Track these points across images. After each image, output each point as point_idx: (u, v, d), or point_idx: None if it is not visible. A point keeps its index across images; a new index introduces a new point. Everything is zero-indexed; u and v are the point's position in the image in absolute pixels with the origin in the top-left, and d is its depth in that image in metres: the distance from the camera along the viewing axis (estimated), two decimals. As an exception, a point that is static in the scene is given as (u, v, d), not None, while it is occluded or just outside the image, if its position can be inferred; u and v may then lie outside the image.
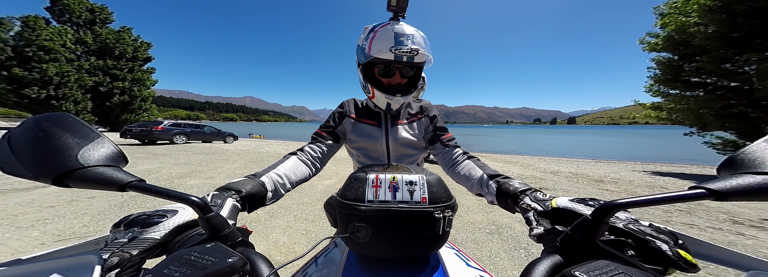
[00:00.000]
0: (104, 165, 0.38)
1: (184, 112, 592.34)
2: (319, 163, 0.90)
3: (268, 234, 2.71)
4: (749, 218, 3.37)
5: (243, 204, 0.57)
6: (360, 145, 1.02)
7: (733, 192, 0.31)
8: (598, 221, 0.34)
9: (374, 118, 1.02)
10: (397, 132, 1.00)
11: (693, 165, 9.35)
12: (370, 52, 0.82)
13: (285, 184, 0.73)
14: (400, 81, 0.91)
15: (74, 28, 23.04)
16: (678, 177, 6.71)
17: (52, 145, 0.37)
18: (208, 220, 0.38)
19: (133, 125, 12.77)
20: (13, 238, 2.47)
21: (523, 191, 0.60)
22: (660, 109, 9.19)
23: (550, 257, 0.36)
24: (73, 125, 0.40)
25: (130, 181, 0.37)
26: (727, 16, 6.46)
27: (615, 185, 5.61)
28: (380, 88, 0.89)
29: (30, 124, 0.38)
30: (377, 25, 0.85)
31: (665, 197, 0.32)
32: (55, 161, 0.36)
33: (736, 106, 7.27)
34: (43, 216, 3.01)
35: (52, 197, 3.69)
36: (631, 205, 0.33)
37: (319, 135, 0.98)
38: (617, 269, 0.29)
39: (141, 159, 7.76)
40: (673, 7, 7.76)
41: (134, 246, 0.37)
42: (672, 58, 8.36)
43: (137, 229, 0.40)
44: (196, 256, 0.32)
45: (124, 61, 23.78)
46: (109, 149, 0.41)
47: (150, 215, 0.44)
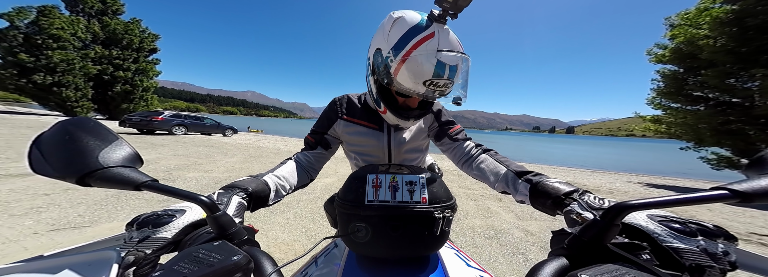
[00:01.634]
0: (122, 166, 0.41)
1: (185, 104, 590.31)
2: (313, 171, 0.86)
3: (268, 231, 2.70)
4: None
5: (249, 203, 0.57)
6: (358, 149, 0.93)
7: (761, 193, 0.28)
8: (609, 222, 0.32)
9: (375, 120, 0.89)
10: (401, 136, 0.90)
11: (686, 179, 9.48)
12: (396, 76, 0.62)
13: (285, 186, 0.72)
14: (414, 105, 0.77)
15: (86, 18, 23.22)
16: (671, 190, 6.80)
17: (76, 147, 0.40)
18: (216, 219, 0.39)
19: (133, 114, 12.72)
20: (5, 226, 2.40)
21: (568, 194, 0.52)
22: (659, 122, 9.28)
23: (556, 259, 0.34)
24: (94, 128, 0.43)
25: (144, 181, 0.40)
26: (739, 29, 6.53)
27: (610, 195, 5.64)
28: (393, 109, 0.74)
29: (58, 128, 0.41)
30: (416, 33, 0.58)
31: (684, 199, 0.30)
32: (78, 163, 0.38)
33: (734, 122, 7.36)
34: (37, 204, 2.96)
35: (47, 185, 3.65)
36: (645, 206, 0.31)
37: (307, 142, 0.91)
38: (628, 273, 0.28)
39: (139, 149, 7.68)
40: (684, 18, 7.84)
41: (148, 245, 0.39)
42: (677, 71, 8.45)
43: (149, 229, 0.42)
44: (203, 253, 0.33)
45: (129, 52, 23.86)
46: (126, 150, 0.44)
47: (160, 215, 0.45)
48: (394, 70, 0.61)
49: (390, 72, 0.62)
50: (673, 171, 12.24)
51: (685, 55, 7.81)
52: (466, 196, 4.61)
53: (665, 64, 8.61)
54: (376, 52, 0.67)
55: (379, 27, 0.68)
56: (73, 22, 20.73)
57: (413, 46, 0.58)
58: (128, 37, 23.55)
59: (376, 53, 0.67)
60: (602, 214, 0.33)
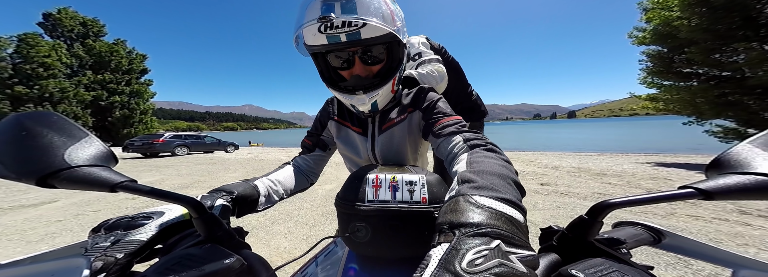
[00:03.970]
0: (92, 165, 0.36)
1: (185, 124, 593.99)
2: (312, 174, 0.84)
3: (269, 240, 2.74)
4: (758, 207, 3.34)
5: (233, 206, 0.55)
6: (345, 153, 0.88)
7: (721, 191, 0.32)
8: (594, 219, 0.35)
9: (361, 122, 0.80)
10: (385, 141, 0.77)
11: (697, 154, 9.03)
12: (306, 40, 0.61)
13: (279, 191, 0.70)
14: (361, 72, 0.66)
15: (68, 42, 22.83)
16: (683, 167, 6.48)
17: (36, 144, 0.35)
18: (203, 220, 0.37)
19: (135, 139, 12.89)
20: (23, 253, 2.48)
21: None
22: (656, 100, 9.18)
23: (547, 255, 0.36)
24: (58, 124, 0.38)
25: (120, 181, 0.35)
26: (708, 9, 6.55)
27: (617, 178, 5.58)
28: (339, 88, 0.66)
29: (10, 122, 0.36)
30: (305, 2, 0.58)
31: (656, 197, 0.34)
32: (39, 161, 0.34)
33: (731, 94, 7.28)
34: (51, 230, 3.07)
35: (58, 212, 3.74)
36: (625, 204, 0.34)
37: (305, 144, 0.88)
38: (612, 266, 0.30)
39: (143, 172, 7.81)
40: (655, 2, 7.85)
41: (119, 249, 0.36)
42: (662, 51, 8.41)
43: (120, 232, 0.39)
44: (192, 257, 0.31)
45: (120, 74, 23.69)
46: (97, 148, 0.39)
47: (133, 217, 0.42)
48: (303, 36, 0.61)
49: (301, 43, 0.63)
50: (683, 147, 11.88)
51: (664, 35, 7.79)
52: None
53: (648, 45, 8.54)
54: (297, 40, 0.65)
55: None
56: (55, 47, 20.28)
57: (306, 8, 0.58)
58: (116, 59, 23.12)
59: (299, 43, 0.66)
60: (587, 212, 0.36)
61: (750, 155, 0.35)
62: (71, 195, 4.64)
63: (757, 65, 6.31)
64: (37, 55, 18.79)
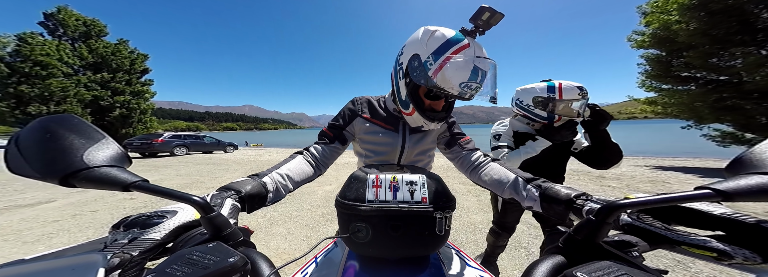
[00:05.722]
0: (108, 165, 0.39)
1: (184, 124, 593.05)
2: (323, 165, 0.88)
3: (269, 242, 2.73)
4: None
5: (242, 204, 0.57)
6: (372, 147, 0.97)
7: (740, 193, 0.30)
8: (601, 221, 0.34)
9: (392, 122, 0.95)
10: (414, 141, 0.96)
11: (695, 158, 9.17)
12: (434, 77, 0.70)
13: (287, 185, 0.73)
14: (439, 107, 0.84)
15: (70, 42, 22.97)
16: (681, 171, 6.59)
17: (59, 146, 0.37)
18: (210, 220, 0.39)
19: (134, 139, 12.85)
20: (20, 253, 2.51)
21: (577, 197, 0.54)
22: (655, 103, 9.23)
23: (552, 257, 0.35)
24: (78, 126, 0.40)
25: (134, 181, 0.38)
26: (706, 14, 6.60)
27: (616, 181, 5.60)
28: (421, 110, 0.81)
29: (36, 125, 0.39)
30: (454, 43, 0.69)
31: (670, 198, 0.32)
32: (61, 162, 0.36)
33: (729, 98, 7.32)
34: (47, 231, 3.04)
35: (55, 212, 3.71)
36: (634, 205, 0.33)
37: (325, 135, 0.93)
38: (620, 270, 0.29)
39: (142, 172, 7.78)
40: (654, 5, 7.91)
41: (135, 247, 0.38)
42: (660, 55, 8.47)
43: (137, 230, 0.41)
44: (198, 255, 0.32)
45: (121, 74, 23.74)
46: (113, 149, 0.41)
47: (149, 216, 0.44)
48: (433, 72, 0.70)
49: (428, 74, 0.71)
50: (680, 151, 11.96)
51: (663, 39, 7.84)
52: (467, 192, 4.63)
53: (647, 49, 8.61)
54: (413, 57, 0.75)
55: (413, 38, 0.78)
56: (59, 47, 20.38)
57: (453, 52, 0.69)
58: (118, 59, 23.19)
59: (412, 58, 0.76)
60: (595, 213, 0.35)
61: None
62: (68, 195, 4.61)
63: (754, 70, 6.37)
64: (33, 53, 18.84)
